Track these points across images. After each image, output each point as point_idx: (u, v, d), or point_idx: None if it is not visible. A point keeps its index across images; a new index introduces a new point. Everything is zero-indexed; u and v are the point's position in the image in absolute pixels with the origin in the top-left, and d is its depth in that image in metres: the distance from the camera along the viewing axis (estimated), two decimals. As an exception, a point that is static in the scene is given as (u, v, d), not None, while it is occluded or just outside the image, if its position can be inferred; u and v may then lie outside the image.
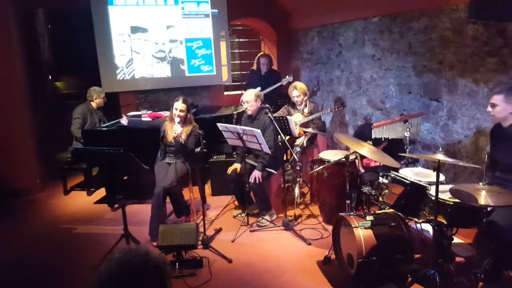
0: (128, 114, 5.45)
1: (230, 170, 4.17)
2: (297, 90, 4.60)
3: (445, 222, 2.75)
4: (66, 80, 7.49)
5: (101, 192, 4.96)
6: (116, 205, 4.52)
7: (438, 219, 2.70)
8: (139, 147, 4.13)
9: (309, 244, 3.60)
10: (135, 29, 6.01)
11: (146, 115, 4.91)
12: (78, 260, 3.50)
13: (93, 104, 5.06)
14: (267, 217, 4.05)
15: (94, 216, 4.46)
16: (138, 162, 3.44)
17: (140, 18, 6.00)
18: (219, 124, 3.91)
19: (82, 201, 4.88)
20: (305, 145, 4.55)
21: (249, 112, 4.11)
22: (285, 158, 4.81)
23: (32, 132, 5.22)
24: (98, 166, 4.70)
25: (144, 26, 6.04)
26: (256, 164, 4.03)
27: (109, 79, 5.97)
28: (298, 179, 4.40)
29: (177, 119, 3.87)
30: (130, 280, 1.17)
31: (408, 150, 3.67)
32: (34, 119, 5.32)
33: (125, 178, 4.96)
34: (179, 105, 3.89)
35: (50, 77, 7.13)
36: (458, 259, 3.15)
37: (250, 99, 4.05)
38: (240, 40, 7.81)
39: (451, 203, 2.70)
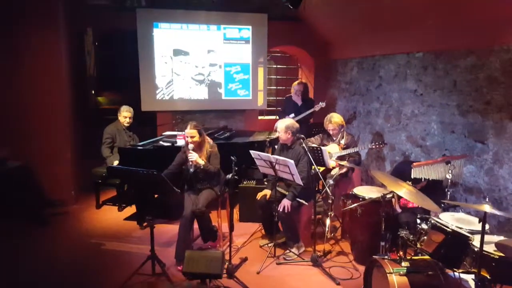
0: (164, 133, 5.56)
1: (259, 195, 4.11)
2: (332, 124, 4.54)
3: (488, 277, 2.54)
4: (108, 96, 7.79)
5: (131, 209, 5.01)
6: (144, 224, 4.53)
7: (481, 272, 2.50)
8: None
9: (338, 284, 3.44)
10: (177, 52, 6.20)
11: (181, 137, 4.95)
12: (103, 278, 3.52)
13: (121, 122, 5.09)
14: (294, 249, 3.93)
15: (123, 233, 4.49)
16: (170, 185, 3.44)
17: (182, 41, 6.20)
18: (252, 152, 3.88)
19: (112, 217, 4.95)
20: (338, 177, 4.42)
21: (281, 141, 4.08)
22: (316, 189, 4.69)
23: (72, 144, 5.37)
24: (131, 185, 4.74)
25: (186, 49, 6.22)
26: (286, 193, 3.95)
27: (148, 98, 6.15)
28: (329, 213, 4.26)
29: (191, 146, 3.80)
30: None
31: (449, 193, 3.48)
32: (75, 132, 5.50)
33: (156, 196, 5.00)
34: (188, 132, 3.83)
35: (93, 92, 7.45)
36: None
37: (280, 129, 4.04)
38: (277, 66, 7.87)
39: (496, 256, 2.50)
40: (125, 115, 5.09)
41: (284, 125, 4.02)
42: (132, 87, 6.21)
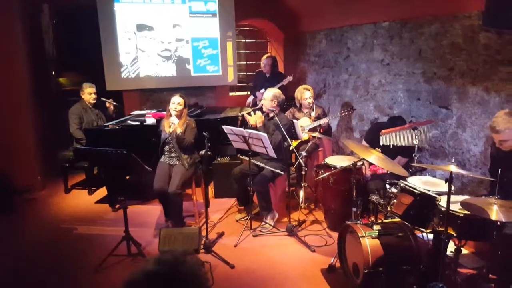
0: (132, 113, 5.41)
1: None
2: (310, 92, 4.57)
3: (454, 234, 2.68)
4: (70, 77, 7.44)
5: (102, 192, 4.90)
6: (117, 206, 4.46)
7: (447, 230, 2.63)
8: (143, 147, 4.10)
9: (313, 251, 3.54)
10: (141, 27, 5.95)
11: (150, 115, 4.84)
12: (77, 261, 3.44)
13: (86, 100, 4.91)
14: (269, 220, 3.99)
15: (95, 216, 4.40)
16: (141, 164, 3.38)
17: (146, 16, 5.94)
18: (224, 127, 3.85)
19: (83, 201, 4.82)
20: (310, 148, 4.48)
21: (265, 109, 4.08)
22: (290, 161, 4.74)
23: (34, 128, 5.15)
24: (100, 166, 4.62)
25: (150, 24, 5.98)
26: (262, 164, 3.96)
27: (113, 76, 5.92)
28: (303, 184, 4.33)
29: (173, 113, 3.86)
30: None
31: (416, 158, 3.60)
32: (37, 116, 5.25)
33: (127, 177, 4.90)
34: (176, 99, 3.90)
35: (53, 73, 7.09)
36: (465, 270, 3.08)
37: (267, 97, 4.03)
38: (246, 40, 7.75)
39: (461, 214, 2.63)
40: (89, 91, 4.90)
41: (272, 93, 4.03)
42: (95, 66, 5.93)
